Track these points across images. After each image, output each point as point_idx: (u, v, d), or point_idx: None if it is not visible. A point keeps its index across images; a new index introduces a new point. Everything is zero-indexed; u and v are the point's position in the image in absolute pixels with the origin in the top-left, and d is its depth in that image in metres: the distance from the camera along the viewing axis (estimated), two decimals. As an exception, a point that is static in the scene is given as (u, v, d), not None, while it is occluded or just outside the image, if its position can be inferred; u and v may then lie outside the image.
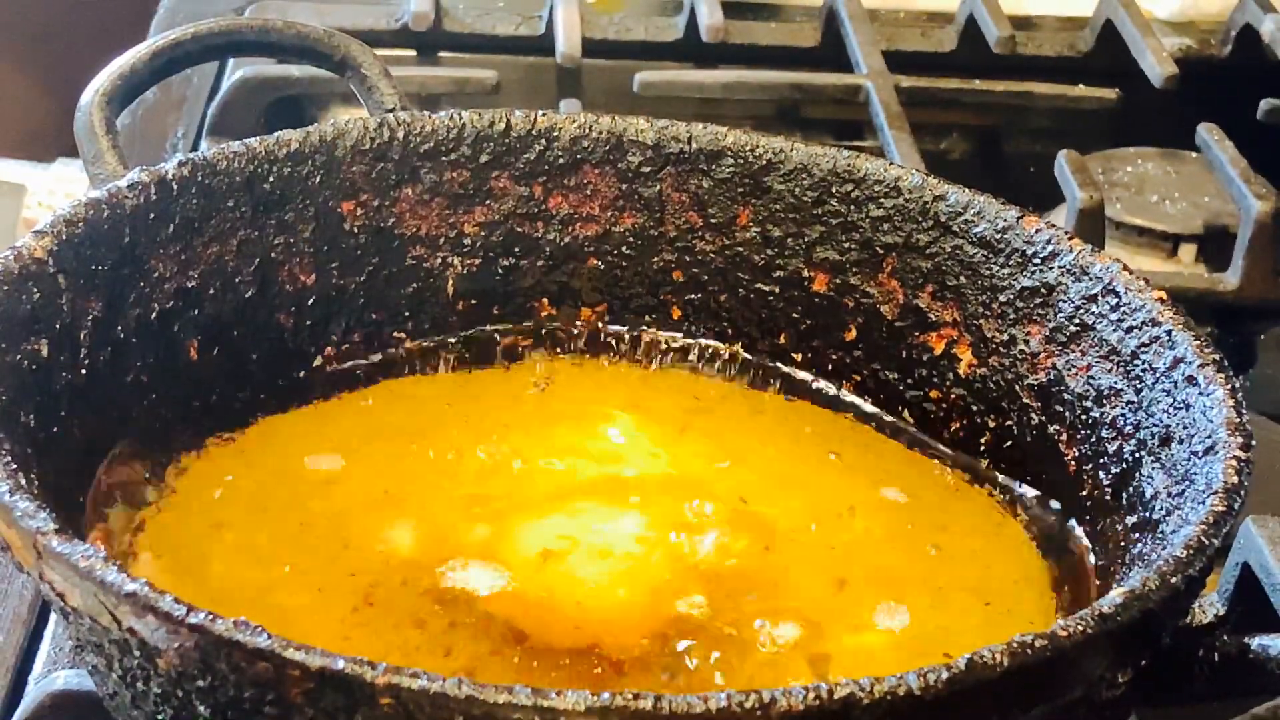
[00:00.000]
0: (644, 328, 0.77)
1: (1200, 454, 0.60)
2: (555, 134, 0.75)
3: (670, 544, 0.65)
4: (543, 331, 0.76)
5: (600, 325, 0.77)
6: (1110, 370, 0.66)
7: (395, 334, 0.75)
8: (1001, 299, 0.71)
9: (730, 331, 0.76)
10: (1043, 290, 0.69)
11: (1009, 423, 0.70)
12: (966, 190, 0.72)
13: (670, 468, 0.70)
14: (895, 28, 1.20)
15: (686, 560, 0.64)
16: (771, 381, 0.75)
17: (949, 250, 0.72)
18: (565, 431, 0.72)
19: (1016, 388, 0.70)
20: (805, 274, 0.75)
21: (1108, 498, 0.65)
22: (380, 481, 0.68)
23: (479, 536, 0.65)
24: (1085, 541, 0.66)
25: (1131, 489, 0.64)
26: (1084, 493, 0.66)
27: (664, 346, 0.77)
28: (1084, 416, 0.67)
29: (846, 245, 0.74)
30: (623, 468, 0.70)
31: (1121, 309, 0.66)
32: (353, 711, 0.47)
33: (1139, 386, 0.65)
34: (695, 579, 0.63)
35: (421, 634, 0.60)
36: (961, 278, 0.72)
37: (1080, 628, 0.50)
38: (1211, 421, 0.60)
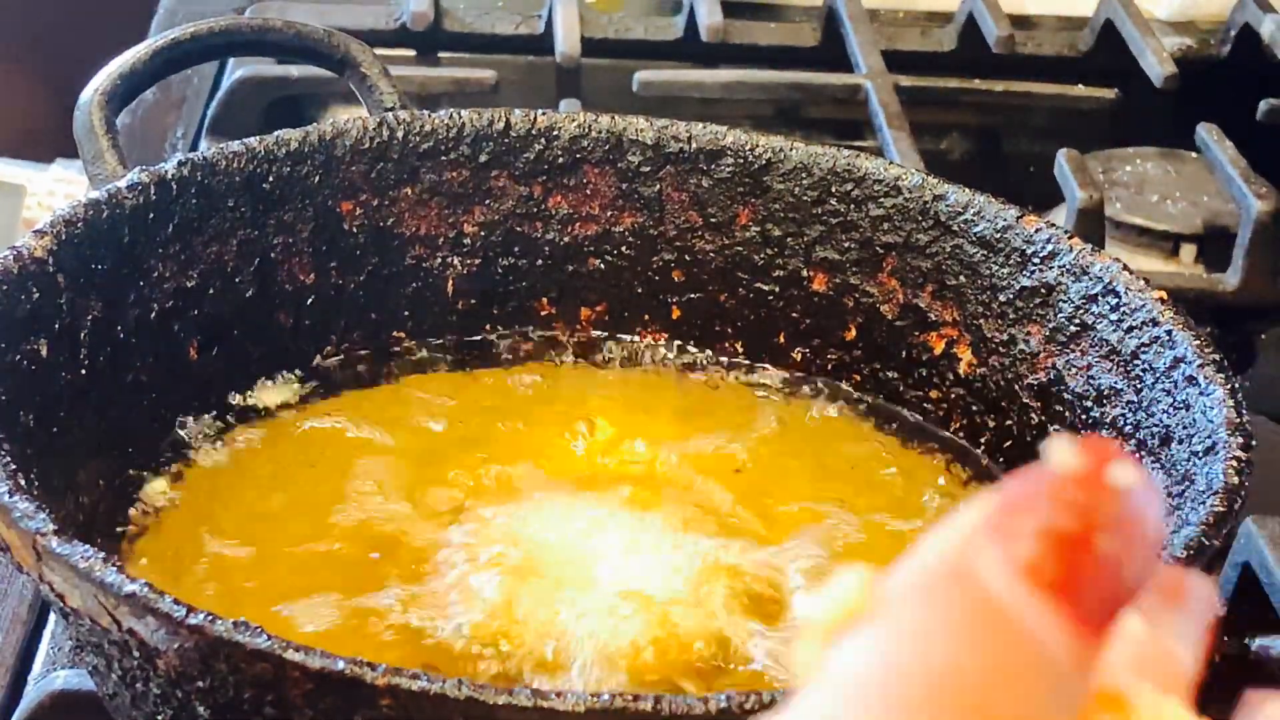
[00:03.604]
0: (643, 327, 0.77)
1: (1200, 454, 0.60)
2: (555, 133, 0.75)
3: (671, 545, 0.65)
4: (543, 332, 0.76)
5: (600, 325, 0.77)
6: (1110, 370, 0.66)
7: (395, 334, 0.75)
8: (1001, 298, 0.70)
9: (730, 331, 0.76)
10: (1043, 290, 0.69)
11: (1009, 422, 0.70)
12: (966, 190, 0.72)
13: (670, 467, 0.70)
14: (895, 27, 1.20)
15: (688, 561, 0.64)
16: (771, 381, 0.75)
17: (949, 250, 0.72)
18: (565, 431, 0.71)
19: (1016, 387, 0.70)
20: (805, 273, 0.75)
21: (1108, 498, 0.65)
22: (378, 489, 0.67)
23: (479, 544, 0.65)
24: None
25: (1132, 489, 0.63)
26: (1084, 493, 0.66)
27: (663, 346, 0.77)
28: (1084, 416, 0.67)
29: (846, 245, 0.74)
30: (623, 467, 0.70)
31: (1121, 309, 0.66)
32: (352, 712, 0.47)
33: (1139, 386, 0.65)
34: (694, 582, 0.63)
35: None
36: (961, 277, 0.72)
37: (1080, 628, 0.50)
38: (1211, 421, 0.60)
